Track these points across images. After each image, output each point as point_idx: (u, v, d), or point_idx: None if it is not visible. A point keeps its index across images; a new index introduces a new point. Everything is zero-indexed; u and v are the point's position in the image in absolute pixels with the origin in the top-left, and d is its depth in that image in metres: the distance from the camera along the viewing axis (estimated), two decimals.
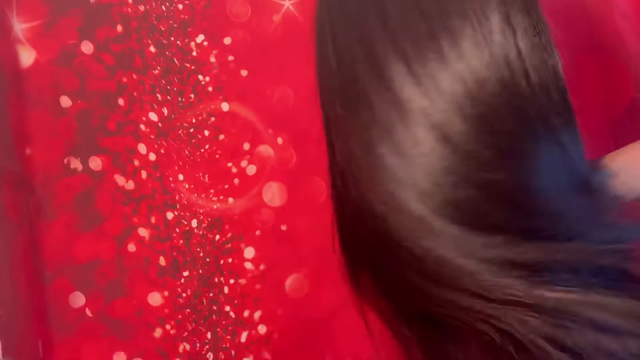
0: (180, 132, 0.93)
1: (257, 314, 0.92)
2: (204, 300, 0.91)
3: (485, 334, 0.47)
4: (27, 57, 0.91)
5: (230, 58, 0.95)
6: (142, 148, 0.92)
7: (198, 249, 0.92)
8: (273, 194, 0.94)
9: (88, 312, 0.88)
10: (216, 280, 0.91)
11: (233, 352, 0.91)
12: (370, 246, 0.55)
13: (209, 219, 0.92)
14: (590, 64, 1.01)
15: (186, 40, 0.94)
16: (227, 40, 0.95)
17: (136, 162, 0.91)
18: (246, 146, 0.94)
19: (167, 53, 0.94)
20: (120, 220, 0.90)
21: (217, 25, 0.95)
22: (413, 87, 0.49)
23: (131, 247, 0.90)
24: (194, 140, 0.93)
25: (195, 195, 0.93)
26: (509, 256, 0.47)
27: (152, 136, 0.92)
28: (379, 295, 0.59)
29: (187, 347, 0.90)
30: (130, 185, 0.91)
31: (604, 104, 1.00)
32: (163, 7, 0.94)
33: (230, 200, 0.93)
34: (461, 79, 0.49)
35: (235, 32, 0.95)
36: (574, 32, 1.01)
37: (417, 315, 0.54)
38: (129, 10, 0.93)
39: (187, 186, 0.92)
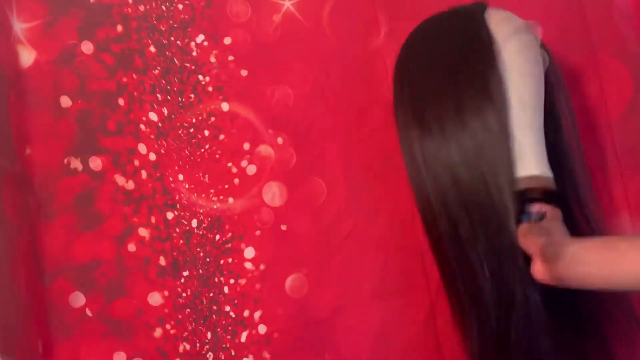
0: (180, 132, 0.93)
1: (257, 314, 0.92)
2: (204, 300, 0.91)
3: None
4: (27, 57, 0.91)
5: (230, 58, 0.95)
6: (142, 148, 0.92)
7: (198, 249, 0.92)
8: (273, 194, 0.94)
9: (88, 312, 0.88)
10: (216, 280, 0.92)
11: (233, 352, 0.91)
12: None
13: (209, 219, 0.92)
14: (590, 64, 1.01)
15: (186, 40, 0.94)
16: (227, 40, 0.95)
17: (136, 162, 0.92)
18: (246, 146, 0.94)
19: (167, 53, 0.94)
20: (120, 220, 0.90)
21: (217, 25, 0.95)
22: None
23: (131, 247, 0.90)
24: (194, 140, 0.93)
25: (195, 195, 0.93)
26: None
27: (152, 136, 0.92)
28: None
29: (187, 347, 0.90)
30: (130, 185, 0.91)
31: (604, 104, 1.00)
32: (163, 7, 0.94)
33: (230, 200, 0.93)
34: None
35: (235, 32, 0.95)
36: (574, 32, 1.01)
37: None
38: (129, 10, 0.93)
39: (187, 186, 0.92)
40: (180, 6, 0.94)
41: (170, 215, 0.91)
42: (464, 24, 0.81)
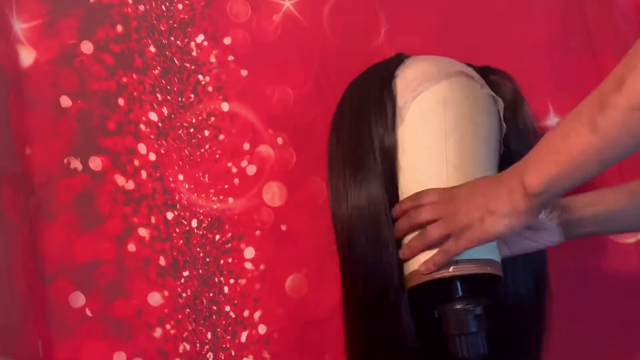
0: (180, 132, 0.93)
1: (257, 314, 0.92)
2: (204, 300, 0.91)
3: None
4: (27, 57, 0.91)
5: (230, 58, 0.95)
6: (142, 148, 0.92)
7: (198, 249, 0.92)
8: (273, 194, 0.94)
9: (88, 312, 0.88)
10: (216, 280, 0.92)
11: (233, 352, 0.91)
12: None
13: (209, 219, 0.92)
14: (590, 64, 1.00)
15: (186, 40, 0.94)
16: (227, 40, 0.95)
17: (136, 162, 0.92)
18: (246, 146, 0.94)
19: (167, 53, 0.94)
20: (120, 220, 0.90)
21: (217, 25, 0.95)
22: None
23: (131, 247, 0.90)
24: (194, 140, 0.93)
25: (195, 195, 0.93)
26: None
27: (152, 136, 0.92)
28: None
29: (187, 347, 0.90)
30: (130, 185, 0.91)
31: None
32: (163, 7, 0.94)
33: (230, 200, 0.93)
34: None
35: (235, 32, 0.95)
36: (574, 32, 1.01)
37: None
38: (129, 10, 0.93)
39: (187, 186, 0.92)
40: (180, 6, 0.94)
41: (170, 215, 0.91)
42: (375, 85, 0.81)
